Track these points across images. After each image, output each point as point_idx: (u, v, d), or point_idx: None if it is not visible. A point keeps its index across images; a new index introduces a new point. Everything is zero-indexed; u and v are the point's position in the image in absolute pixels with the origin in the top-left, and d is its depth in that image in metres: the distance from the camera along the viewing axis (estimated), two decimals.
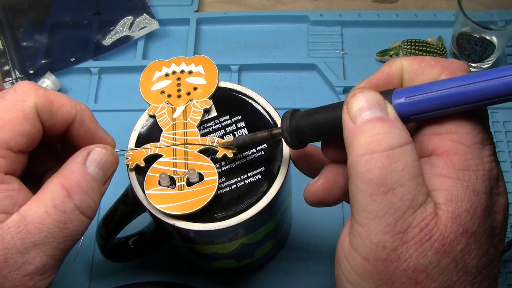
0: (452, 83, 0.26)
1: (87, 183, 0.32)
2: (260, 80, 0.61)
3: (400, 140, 0.26)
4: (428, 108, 0.27)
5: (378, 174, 0.25)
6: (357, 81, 0.59)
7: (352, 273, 0.27)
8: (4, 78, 0.61)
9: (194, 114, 0.39)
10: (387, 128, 0.26)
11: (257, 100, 0.40)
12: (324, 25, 0.64)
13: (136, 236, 0.47)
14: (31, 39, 0.64)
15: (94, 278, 0.50)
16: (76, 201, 0.31)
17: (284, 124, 0.32)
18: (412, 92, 0.27)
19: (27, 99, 0.31)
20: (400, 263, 0.25)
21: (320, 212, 0.52)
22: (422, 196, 0.26)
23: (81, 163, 0.32)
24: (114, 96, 0.61)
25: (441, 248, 0.25)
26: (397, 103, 0.28)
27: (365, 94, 0.28)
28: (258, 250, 0.44)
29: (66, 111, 0.33)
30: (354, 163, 0.26)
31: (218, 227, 0.35)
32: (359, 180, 0.26)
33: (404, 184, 0.25)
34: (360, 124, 0.27)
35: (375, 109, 0.27)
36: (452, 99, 0.26)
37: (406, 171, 0.25)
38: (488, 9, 0.60)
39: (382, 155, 0.26)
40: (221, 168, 0.38)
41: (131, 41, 0.63)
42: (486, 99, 0.25)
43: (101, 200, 0.33)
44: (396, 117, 0.27)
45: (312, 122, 0.31)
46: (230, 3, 0.68)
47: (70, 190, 0.31)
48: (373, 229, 0.26)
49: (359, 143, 0.26)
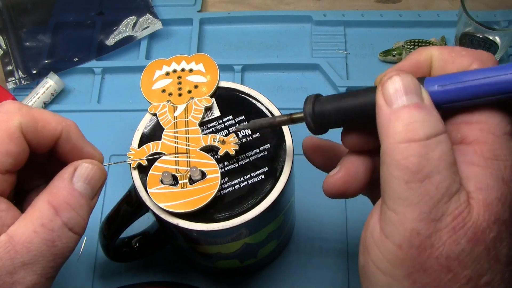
0: (486, 73, 0.26)
1: (74, 199, 0.31)
2: (263, 80, 0.61)
3: (437, 129, 0.26)
4: (461, 97, 0.27)
5: (416, 162, 0.25)
6: (360, 81, 0.60)
7: (383, 261, 0.27)
8: (7, 78, 0.61)
9: (195, 112, 0.39)
10: (423, 115, 0.26)
11: (260, 100, 0.40)
12: (327, 25, 0.64)
13: (139, 236, 0.47)
14: (34, 39, 0.64)
15: (97, 278, 0.50)
16: (64, 219, 0.30)
17: (307, 108, 0.32)
18: (445, 80, 0.27)
19: (11, 118, 0.31)
20: (433, 250, 0.26)
21: (323, 212, 0.52)
22: (457, 184, 0.26)
23: (68, 180, 0.32)
24: (117, 96, 0.61)
25: (474, 236, 0.25)
26: (430, 90, 0.27)
27: (402, 77, 0.27)
28: (262, 250, 0.44)
29: (51, 128, 0.32)
30: (390, 150, 0.26)
31: (221, 227, 0.35)
32: (394, 167, 0.26)
33: (440, 172, 0.25)
34: (396, 109, 0.27)
35: (412, 94, 0.27)
36: (486, 88, 0.26)
37: (442, 160, 0.26)
38: (491, 9, 0.59)
39: (419, 144, 0.26)
40: (224, 168, 0.38)
41: (134, 41, 0.63)
42: None
43: (90, 215, 0.33)
44: (432, 104, 0.27)
45: (338, 107, 0.31)
46: (233, 3, 0.68)
47: (57, 207, 0.30)
48: (407, 216, 0.26)
49: (396, 130, 0.26)
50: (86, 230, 0.50)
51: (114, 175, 0.55)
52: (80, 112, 0.59)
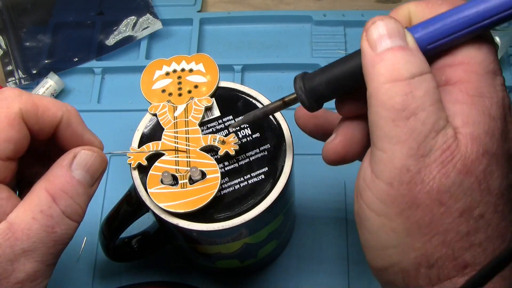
0: (462, 8, 0.27)
1: (72, 187, 0.31)
2: (263, 80, 0.61)
3: (421, 68, 0.26)
4: (443, 33, 0.27)
5: (400, 101, 0.26)
6: None
7: (376, 201, 0.28)
8: (7, 78, 0.61)
9: (195, 112, 0.39)
10: (407, 56, 0.26)
11: (260, 100, 0.40)
12: (327, 25, 0.64)
13: (139, 236, 0.47)
14: (34, 39, 0.64)
15: (97, 278, 0.50)
16: (62, 207, 0.30)
17: (298, 87, 0.32)
18: (427, 23, 0.28)
19: (11, 105, 0.31)
20: (423, 185, 0.26)
21: (323, 211, 0.52)
22: (443, 120, 0.26)
23: (67, 167, 0.32)
24: (117, 96, 0.61)
25: (463, 168, 0.26)
26: (414, 35, 0.28)
27: (385, 22, 0.27)
28: (262, 250, 0.44)
29: (52, 114, 0.32)
30: (375, 91, 0.27)
31: (221, 227, 0.35)
32: (380, 107, 0.26)
33: (425, 109, 0.26)
34: (380, 52, 0.27)
35: (396, 37, 0.27)
36: (464, 20, 0.27)
37: (427, 97, 0.26)
38: None
39: (403, 83, 0.26)
40: (224, 168, 0.38)
41: (134, 41, 0.63)
42: (499, 13, 0.26)
43: (89, 202, 0.33)
44: (416, 46, 0.27)
45: (328, 78, 0.31)
46: (233, 3, 0.68)
47: (54, 195, 0.30)
48: (396, 154, 0.26)
49: (380, 71, 0.27)
50: (86, 230, 0.51)
51: (114, 175, 0.55)
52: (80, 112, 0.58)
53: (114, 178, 0.55)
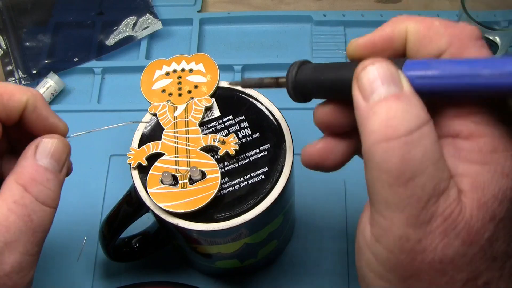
0: (469, 66, 0.24)
1: (40, 175, 0.31)
2: None
3: (418, 121, 0.24)
4: (443, 89, 0.25)
5: (397, 164, 0.24)
6: None
7: (376, 264, 0.26)
8: (7, 78, 0.61)
9: (195, 112, 0.39)
10: (403, 107, 0.24)
11: (260, 100, 0.40)
12: (327, 25, 0.64)
13: (139, 236, 0.47)
14: (34, 39, 0.64)
15: (97, 278, 0.50)
16: (34, 193, 0.30)
17: (290, 75, 0.30)
18: (427, 66, 0.25)
19: None
20: (425, 254, 0.24)
21: (323, 212, 0.52)
22: (444, 181, 0.24)
23: (32, 157, 0.32)
24: (117, 96, 0.61)
25: (468, 238, 0.24)
26: (410, 76, 0.25)
27: (377, 66, 0.25)
28: (262, 250, 0.44)
29: (17, 99, 0.32)
30: (369, 151, 0.25)
31: (221, 227, 0.35)
32: (376, 170, 0.25)
33: (424, 171, 0.24)
34: (373, 103, 0.25)
35: (389, 84, 0.25)
36: (468, 86, 0.24)
37: (426, 157, 0.24)
38: (491, 9, 0.59)
39: (399, 142, 0.24)
40: (224, 168, 0.38)
41: (134, 41, 0.63)
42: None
43: (61, 188, 0.33)
44: (412, 91, 0.25)
45: (318, 80, 0.29)
46: (233, 3, 0.68)
47: (25, 185, 0.30)
48: (395, 222, 0.24)
49: (373, 128, 0.24)
50: (86, 230, 0.51)
51: (114, 175, 0.55)
52: (80, 112, 0.59)
53: (114, 178, 0.55)
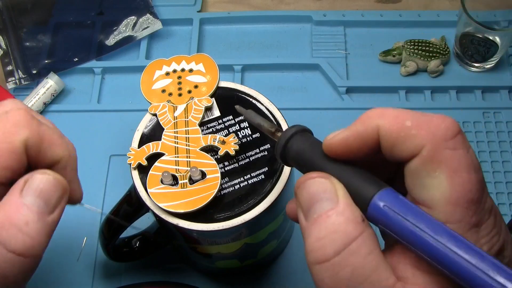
0: (428, 230, 0.24)
1: (20, 216, 0.27)
2: (263, 80, 0.61)
3: (346, 239, 0.24)
4: (395, 233, 0.25)
5: (330, 285, 0.24)
6: (360, 81, 0.60)
7: None
8: (7, 78, 0.61)
9: (195, 112, 0.39)
10: (332, 225, 0.25)
11: (260, 100, 0.40)
12: (327, 25, 0.64)
13: (139, 236, 0.47)
14: (34, 39, 0.64)
15: (97, 278, 0.50)
16: (2, 238, 0.26)
17: (281, 141, 0.30)
18: (396, 206, 0.25)
19: (19, 132, 0.29)
20: None
21: None
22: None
23: (17, 194, 0.28)
24: (117, 96, 0.61)
25: None
26: (374, 203, 0.25)
27: (312, 182, 0.26)
28: (261, 250, 0.44)
29: (54, 153, 0.30)
30: (309, 268, 0.25)
31: (221, 227, 0.35)
32: (317, 286, 0.25)
33: (358, 286, 0.24)
34: (310, 222, 0.25)
35: (322, 201, 0.25)
36: (419, 246, 0.24)
37: (356, 275, 0.24)
38: (491, 9, 0.59)
39: (327, 265, 0.24)
40: (224, 168, 0.38)
41: (134, 41, 0.63)
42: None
43: (52, 233, 0.29)
44: (347, 203, 0.25)
45: (299, 158, 0.29)
46: (233, 3, 0.68)
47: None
48: None
49: (308, 249, 0.25)
50: (86, 230, 0.51)
51: (114, 175, 0.55)
52: (80, 112, 0.59)
53: (114, 178, 0.55)
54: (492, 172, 0.54)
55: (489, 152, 0.56)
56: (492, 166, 0.55)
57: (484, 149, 0.56)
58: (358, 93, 0.60)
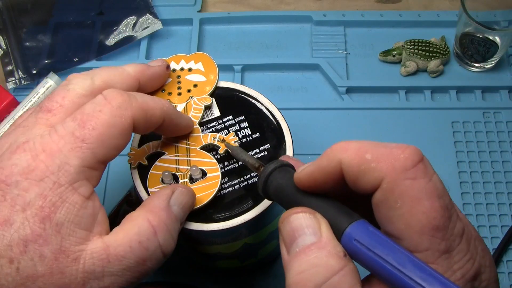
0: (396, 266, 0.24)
1: (171, 222, 0.32)
2: (263, 80, 0.61)
3: (327, 273, 0.24)
4: (367, 265, 0.25)
5: None
6: (360, 81, 0.60)
7: None
8: (7, 78, 0.61)
9: (195, 111, 0.39)
10: (314, 259, 0.25)
11: (260, 100, 0.40)
12: (327, 25, 0.64)
13: None
14: (34, 39, 0.64)
15: None
16: (161, 240, 0.31)
17: (263, 176, 0.31)
18: (366, 239, 0.25)
19: (125, 115, 0.31)
20: None
21: None
22: None
23: (167, 202, 0.32)
24: None
25: None
26: (345, 236, 0.26)
27: (293, 219, 0.27)
28: (262, 250, 0.44)
29: (157, 118, 0.33)
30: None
31: (221, 227, 0.35)
32: None
33: None
34: (292, 255, 0.26)
35: (305, 235, 0.26)
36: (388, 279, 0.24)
37: None
38: (491, 9, 0.59)
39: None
40: (224, 168, 0.38)
41: (134, 41, 0.63)
42: None
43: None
44: (329, 238, 0.26)
45: (277, 194, 0.30)
46: (233, 3, 0.68)
47: (156, 228, 0.31)
48: None
49: (288, 282, 0.26)
50: None
51: (114, 175, 0.55)
52: None
53: (114, 178, 0.55)
54: (492, 172, 0.54)
55: (489, 152, 0.56)
56: (492, 166, 0.55)
57: (484, 149, 0.56)
58: (358, 93, 0.60)
